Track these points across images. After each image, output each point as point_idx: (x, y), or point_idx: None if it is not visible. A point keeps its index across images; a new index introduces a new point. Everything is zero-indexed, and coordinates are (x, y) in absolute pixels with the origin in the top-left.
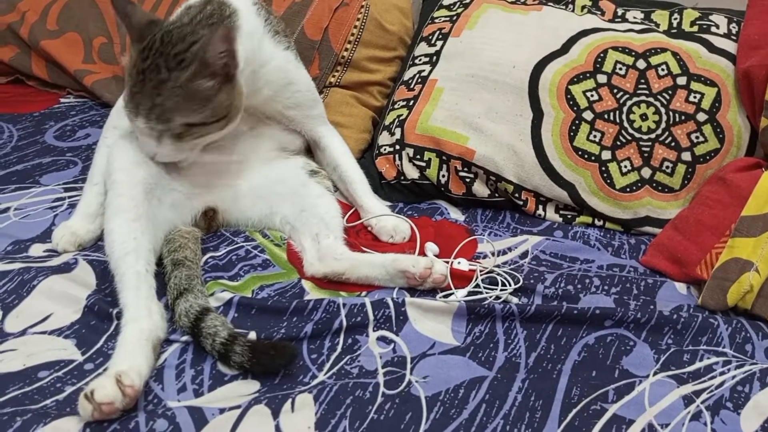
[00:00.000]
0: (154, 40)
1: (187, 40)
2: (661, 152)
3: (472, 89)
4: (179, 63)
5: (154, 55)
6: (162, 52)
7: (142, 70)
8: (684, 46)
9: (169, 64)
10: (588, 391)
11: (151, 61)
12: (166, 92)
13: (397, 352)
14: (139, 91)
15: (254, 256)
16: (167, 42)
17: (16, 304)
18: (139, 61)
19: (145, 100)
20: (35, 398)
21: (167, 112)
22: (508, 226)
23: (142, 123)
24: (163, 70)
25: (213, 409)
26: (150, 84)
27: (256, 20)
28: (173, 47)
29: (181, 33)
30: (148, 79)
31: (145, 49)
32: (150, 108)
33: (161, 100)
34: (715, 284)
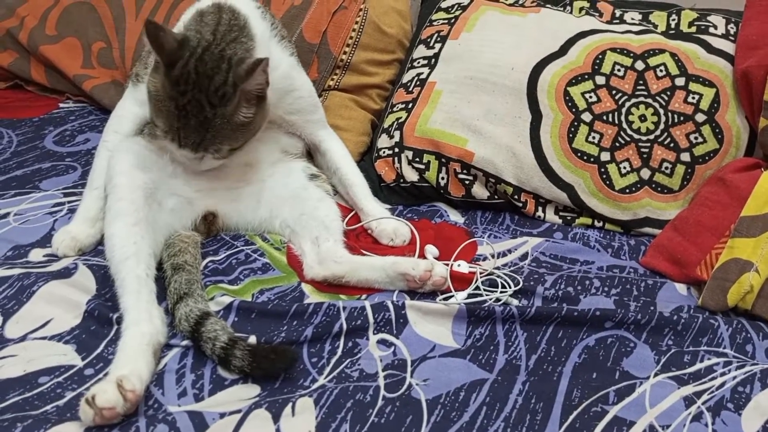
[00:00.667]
0: (188, 72)
1: (221, 67)
2: (660, 153)
3: (471, 91)
4: (221, 98)
5: (192, 90)
6: (200, 86)
7: (183, 105)
8: (682, 46)
9: (212, 101)
10: (588, 392)
11: (191, 96)
12: (213, 128)
13: (398, 355)
14: (182, 126)
15: (254, 259)
16: (203, 74)
17: (16, 309)
18: (176, 95)
19: (191, 135)
20: (36, 404)
21: (215, 144)
22: (507, 228)
23: (188, 152)
24: (207, 108)
25: (213, 413)
26: (194, 120)
27: (263, 25)
28: (211, 81)
29: (213, 57)
30: (192, 115)
31: (180, 81)
32: (198, 143)
33: (209, 135)
34: (715, 285)
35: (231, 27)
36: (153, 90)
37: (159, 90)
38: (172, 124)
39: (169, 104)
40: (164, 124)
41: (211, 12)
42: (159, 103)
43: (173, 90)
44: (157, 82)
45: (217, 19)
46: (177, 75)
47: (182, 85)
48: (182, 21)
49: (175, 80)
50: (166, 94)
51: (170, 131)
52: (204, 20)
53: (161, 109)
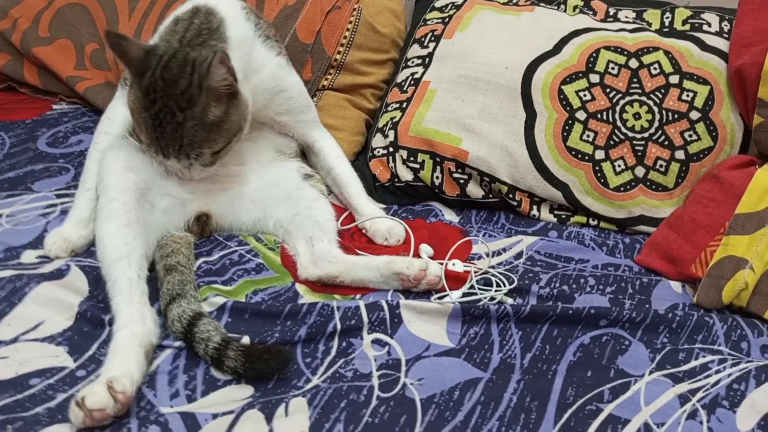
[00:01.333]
0: (155, 80)
1: (186, 70)
2: (654, 151)
3: (465, 90)
4: (188, 101)
5: (161, 97)
6: (168, 92)
7: (155, 114)
8: (676, 44)
9: (180, 104)
10: (583, 391)
11: (161, 104)
12: (188, 131)
13: (392, 355)
14: (160, 136)
15: (248, 260)
16: (169, 79)
17: (8, 311)
18: (148, 104)
19: (170, 143)
20: (27, 406)
21: (195, 148)
22: (502, 227)
23: (174, 162)
24: (177, 112)
25: (206, 414)
26: (169, 127)
27: (246, 26)
28: (176, 85)
29: (177, 62)
30: (165, 122)
31: (149, 91)
32: (179, 149)
33: (186, 140)
34: (710, 282)
35: (200, 31)
36: (130, 104)
37: (135, 103)
38: (151, 134)
39: (144, 115)
40: (146, 137)
41: (185, 18)
42: (137, 115)
43: (145, 100)
44: (132, 96)
45: (188, 26)
46: (146, 85)
47: (152, 93)
48: (161, 29)
49: (146, 90)
50: (141, 105)
51: (152, 143)
52: (176, 28)
53: (140, 122)
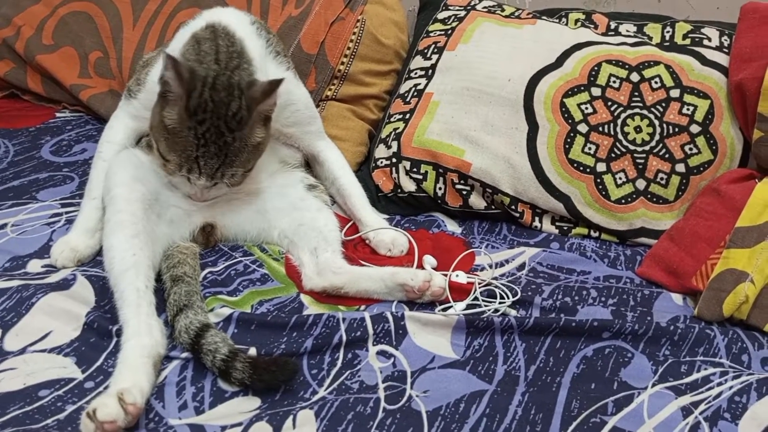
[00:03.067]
0: (205, 101)
1: (234, 93)
2: (655, 164)
3: (468, 102)
4: (239, 122)
5: (211, 117)
6: (218, 113)
7: (202, 134)
8: (677, 58)
9: (230, 125)
10: (587, 403)
11: (210, 123)
12: (232, 152)
13: (397, 367)
14: (201, 155)
15: (253, 270)
16: (219, 101)
17: (15, 322)
18: (195, 124)
19: (209, 162)
20: (36, 418)
21: (233, 167)
22: (504, 238)
23: (204, 181)
24: (227, 133)
25: (215, 426)
26: (213, 147)
27: (259, 43)
28: (228, 107)
29: (223, 85)
30: (211, 142)
31: (198, 111)
32: (216, 169)
33: (228, 159)
34: (710, 295)
35: (231, 55)
36: (169, 124)
37: (176, 123)
38: (191, 154)
39: (187, 134)
40: (180, 157)
41: (208, 38)
42: (175, 136)
43: (191, 120)
44: (173, 116)
45: (215, 47)
46: (195, 105)
47: (200, 113)
48: (177, 45)
49: (194, 110)
50: (185, 126)
51: (187, 162)
52: (202, 48)
53: (177, 141)
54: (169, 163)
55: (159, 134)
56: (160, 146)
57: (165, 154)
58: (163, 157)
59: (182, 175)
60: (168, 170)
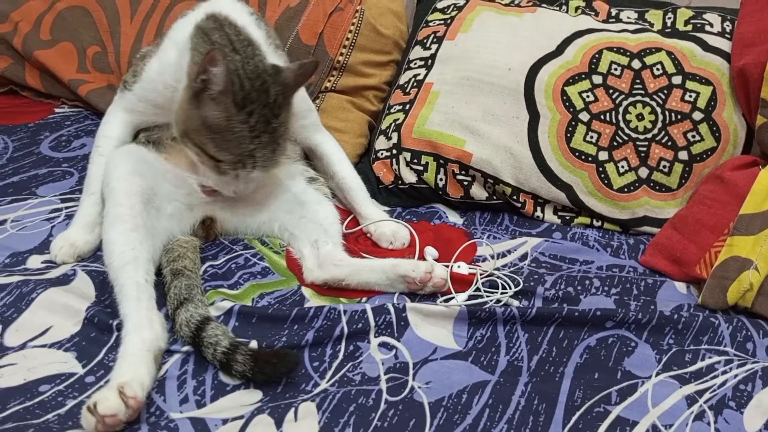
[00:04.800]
0: (249, 92)
1: (267, 80)
2: (657, 152)
3: (468, 92)
4: (280, 107)
5: (257, 107)
6: (263, 101)
7: (254, 125)
8: (678, 45)
9: (275, 112)
10: (591, 393)
11: (258, 115)
12: (279, 138)
13: (399, 358)
14: (256, 147)
15: (253, 263)
16: (259, 89)
17: (15, 317)
18: (245, 117)
19: (265, 153)
20: (37, 413)
21: (280, 154)
22: (506, 229)
23: (257, 173)
24: (273, 120)
25: (216, 419)
26: (265, 137)
27: (259, 33)
28: (268, 94)
29: (256, 72)
30: (262, 132)
31: (246, 103)
32: (269, 158)
33: (277, 146)
34: (714, 283)
35: (243, 43)
36: (215, 123)
37: (223, 120)
38: (245, 148)
39: (241, 129)
40: (234, 154)
41: (215, 28)
42: (226, 133)
43: (241, 113)
44: (219, 113)
45: (227, 37)
46: (242, 97)
47: (248, 105)
48: (180, 38)
49: (242, 103)
50: (236, 120)
51: (242, 157)
52: (213, 39)
53: (229, 139)
54: (223, 163)
55: (203, 136)
56: (208, 148)
57: (216, 155)
58: (214, 158)
59: (233, 172)
60: (221, 171)
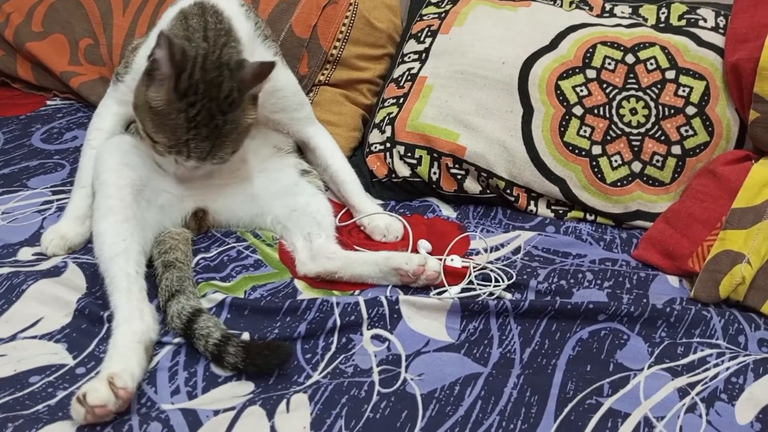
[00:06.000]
0: (196, 82)
1: (224, 74)
2: (651, 146)
3: (462, 86)
4: (230, 105)
5: (202, 99)
6: (210, 95)
7: (193, 116)
8: (672, 40)
9: (222, 108)
10: (583, 385)
11: (201, 106)
12: (223, 134)
13: (392, 351)
14: (193, 138)
15: (246, 256)
16: (210, 82)
17: (5, 308)
18: (184, 106)
19: (200, 146)
20: (27, 404)
21: (223, 150)
22: (500, 222)
23: (192, 163)
24: (218, 116)
25: (207, 411)
26: (205, 130)
27: (247, 25)
28: (219, 89)
29: (213, 64)
30: (202, 125)
31: (188, 93)
32: (208, 151)
33: (218, 142)
34: (707, 277)
35: (219, 32)
36: (155, 105)
37: (163, 104)
38: (180, 137)
39: (177, 117)
40: (169, 139)
41: (195, 14)
42: (163, 117)
43: (181, 102)
44: (160, 96)
45: (204, 23)
46: (185, 87)
47: (191, 96)
48: (164, 21)
49: (184, 92)
50: (174, 108)
51: (177, 144)
52: (189, 24)
53: (166, 123)
54: (158, 145)
55: (145, 114)
56: (147, 126)
57: (153, 135)
58: (151, 138)
59: (169, 157)
60: (157, 151)
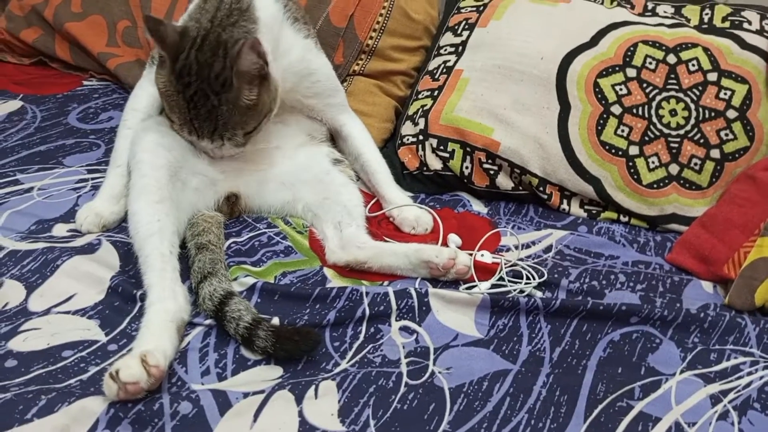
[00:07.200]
0: (189, 63)
1: (218, 53)
2: (689, 149)
3: (499, 80)
4: (222, 85)
5: (195, 81)
6: (202, 76)
7: (190, 97)
8: (715, 41)
9: (215, 88)
10: (614, 387)
11: (195, 87)
12: (222, 114)
13: (420, 343)
14: (195, 117)
15: (276, 242)
16: (203, 62)
17: (39, 283)
18: (181, 87)
19: (205, 125)
20: (59, 377)
21: (229, 129)
22: (531, 220)
23: (207, 142)
24: (212, 96)
25: (237, 393)
26: (203, 110)
27: (275, 7)
28: (211, 69)
29: (210, 44)
30: (200, 105)
31: (183, 73)
32: (213, 131)
33: (220, 122)
34: (742, 283)
35: (231, 11)
36: (161, 86)
37: (167, 85)
38: (185, 116)
39: (177, 98)
40: (178, 119)
41: None
42: (169, 98)
43: (178, 83)
44: (164, 78)
45: (218, 4)
46: (180, 67)
47: (186, 77)
48: (190, 7)
49: (179, 73)
50: (174, 89)
51: (185, 124)
52: (205, 6)
53: (172, 104)
54: (174, 124)
55: (161, 96)
56: (165, 107)
57: (169, 115)
58: (168, 117)
59: (186, 135)
60: (174, 130)
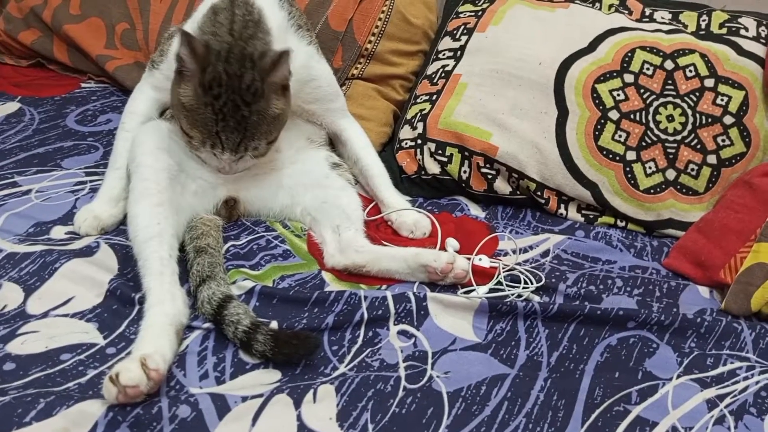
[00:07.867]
0: (219, 74)
1: (246, 65)
2: (686, 154)
3: (497, 85)
4: (254, 95)
5: (226, 91)
6: (232, 87)
7: (219, 108)
8: (712, 47)
9: (246, 99)
10: (611, 392)
11: (226, 98)
12: (251, 124)
13: (418, 347)
14: (221, 130)
15: (275, 246)
16: (233, 74)
17: (38, 286)
18: (211, 99)
19: (230, 137)
20: (58, 381)
21: (255, 140)
22: (529, 225)
23: (228, 155)
24: (243, 107)
25: (235, 396)
26: (232, 121)
27: (280, 15)
28: (241, 80)
29: (236, 57)
30: (229, 116)
31: (213, 85)
32: (238, 143)
33: (248, 133)
34: (739, 289)
35: (246, 23)
36: (186, 101)
37: (192, 99)
38: (211, 129)
39: (205, 111)
40: (202, 133)
41: (224, 8)
42: (193, 113)
43: (207, 96)
44: (189, 92)
45: (231, 17)
46: (209, 80)
47: (215, 88)
48: (196, 17)
49: (208, 85)
50: (201, 102)
51: (209, 137)
52: (218, 19)
53: (197, 118)
54: (193, 140)
55: (179, 112)
56: (182, 124)
57: (188, 131)
58: (187, 134)
59: (207, 150)
60: (193, 147)
